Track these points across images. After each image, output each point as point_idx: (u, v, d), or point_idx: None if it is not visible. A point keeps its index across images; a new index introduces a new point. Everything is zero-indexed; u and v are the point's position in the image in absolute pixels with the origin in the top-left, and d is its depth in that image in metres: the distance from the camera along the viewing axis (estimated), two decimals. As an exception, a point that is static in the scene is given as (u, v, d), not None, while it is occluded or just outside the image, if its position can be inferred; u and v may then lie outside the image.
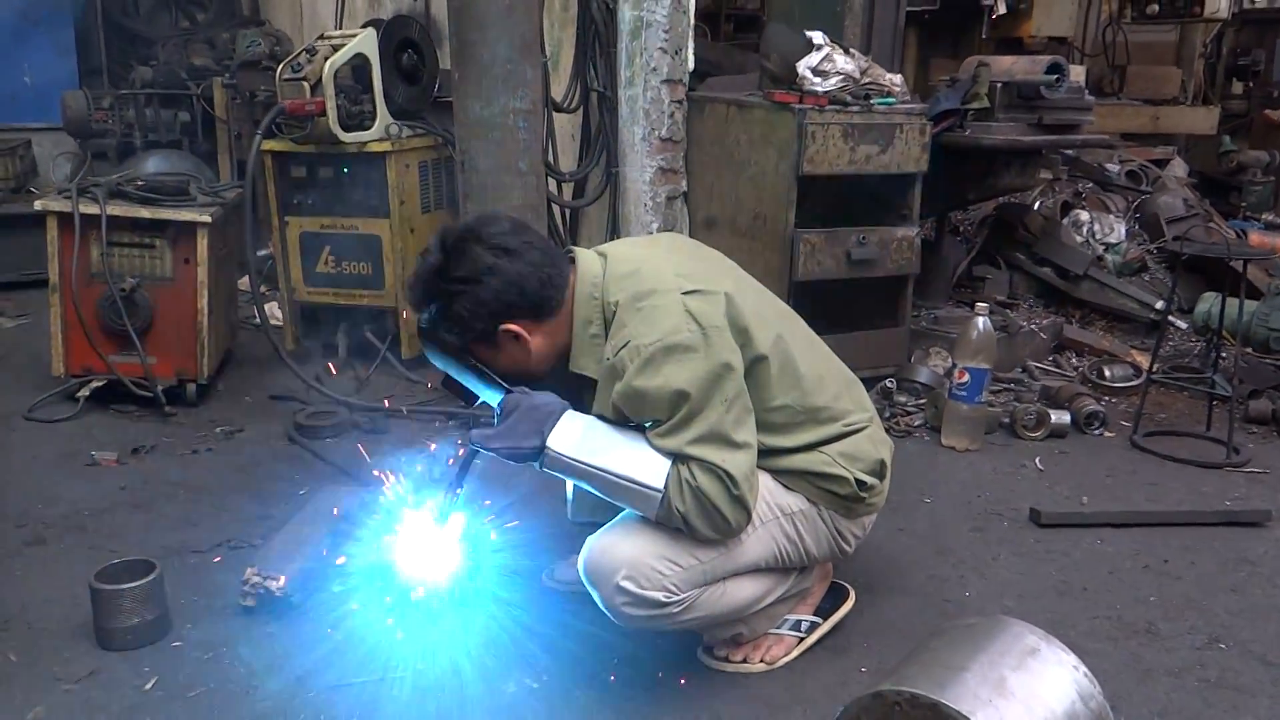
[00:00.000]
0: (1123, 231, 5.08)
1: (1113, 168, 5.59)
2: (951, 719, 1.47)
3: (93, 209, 3.57)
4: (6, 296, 5.23)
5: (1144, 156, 5.84)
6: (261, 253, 4.74)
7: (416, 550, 2.27)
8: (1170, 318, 4.44)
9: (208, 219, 3.63)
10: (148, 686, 2.11)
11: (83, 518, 2.87)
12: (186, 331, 3.70)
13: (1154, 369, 3.78)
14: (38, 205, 3.67)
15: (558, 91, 4.23)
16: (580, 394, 2.07)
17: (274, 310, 4.50)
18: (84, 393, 3.68)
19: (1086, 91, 4.29)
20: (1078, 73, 4.22)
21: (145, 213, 3.62)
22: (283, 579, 2.33)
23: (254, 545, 2.65)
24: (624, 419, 1.98)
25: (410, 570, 2.28)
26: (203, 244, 3.65)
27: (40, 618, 2.36)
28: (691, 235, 4.21)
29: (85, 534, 2.79)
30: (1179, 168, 5.96)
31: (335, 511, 2.60)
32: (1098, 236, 5.05)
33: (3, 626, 2.33)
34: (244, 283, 4.40)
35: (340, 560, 2.46)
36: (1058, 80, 4.00)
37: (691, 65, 4.18)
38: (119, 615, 2.22)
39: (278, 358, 3.81)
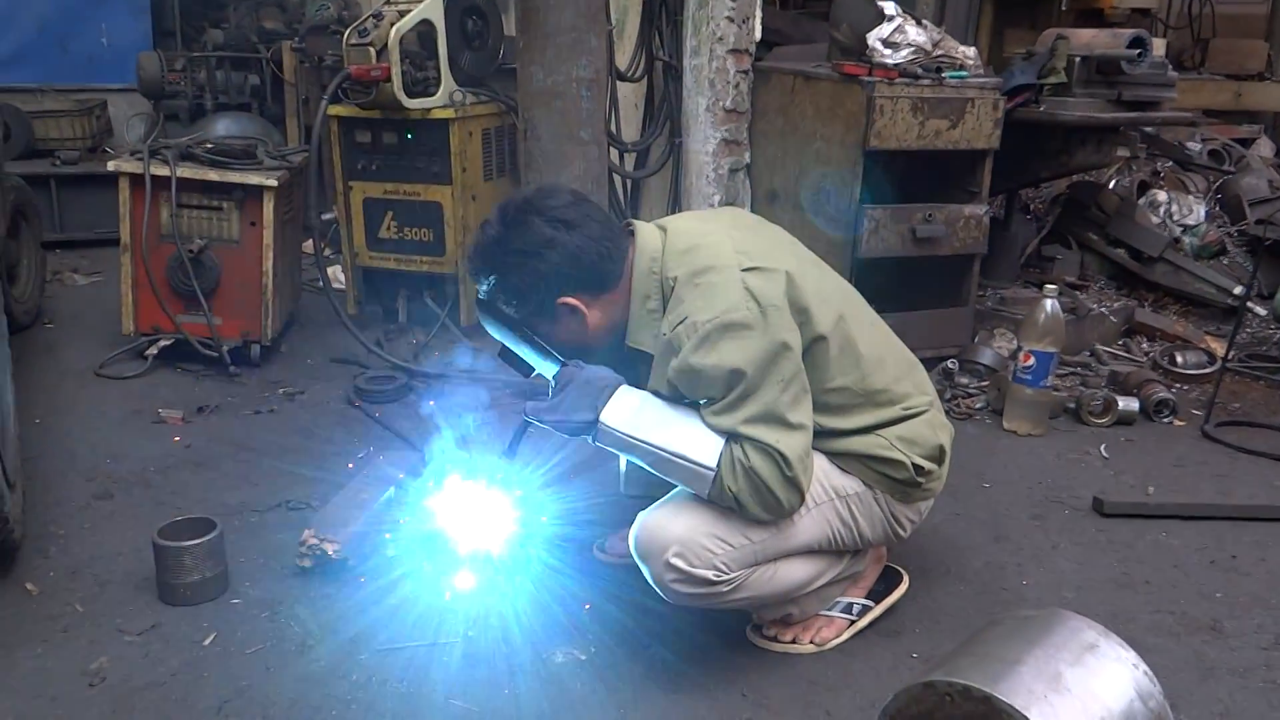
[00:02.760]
0: (1202, 213, 4.90)
1: (1194, 146, 5.40)
2: (1005, 713, 1.44)
3: (163, 171, 3.64)
4: (82, 254, 5.37)
5: (1228, 135, 5.62)
6: (326, 217, 4.80)
7: (469, 519, 2.29)
8: (1249, 304, 4.29)
9: (274, 183, 3.68)
10: (206, 642, 2.16)
11: (148, 474, 2.95)
12: (252, 293, 3.76)
13: (1229, 356, 3.66)
14: (110, 166, 3.76)
15: (622, 60, 4.19)
16: (635, 369, 2.06)
17: (337, 274, 4.56)
18: (152, 351, 3.76)
19: (1169, 66, 4.13)
20: (1159, 46, 4.05)
21: (213, 175, 3.68)
22: (339, 542, 2.37)
23: (312, 507, 2.70)
24: (679, 395, 1.96)
25: (463, 538, 2.31)
26: (268, 207, 3.70)
27: (106, 570, 2.43)
28: (753, 208, 4.16)
29: (150, 490, 2.86)
30: (1265, 147, 5.72)
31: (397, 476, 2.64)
32: (1175, 218, 4.88)
33: (70, 577, 2.40)
34: (308, 246, 4.45)
35: (396, 525, 2.50)
36: (1140, 55, 3.86)
37: (759, 35, 4.11)
38: (181, 571, 2.27)
39: (339, 321, 3.86)
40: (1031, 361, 3.35)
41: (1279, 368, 3.73)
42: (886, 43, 3.60)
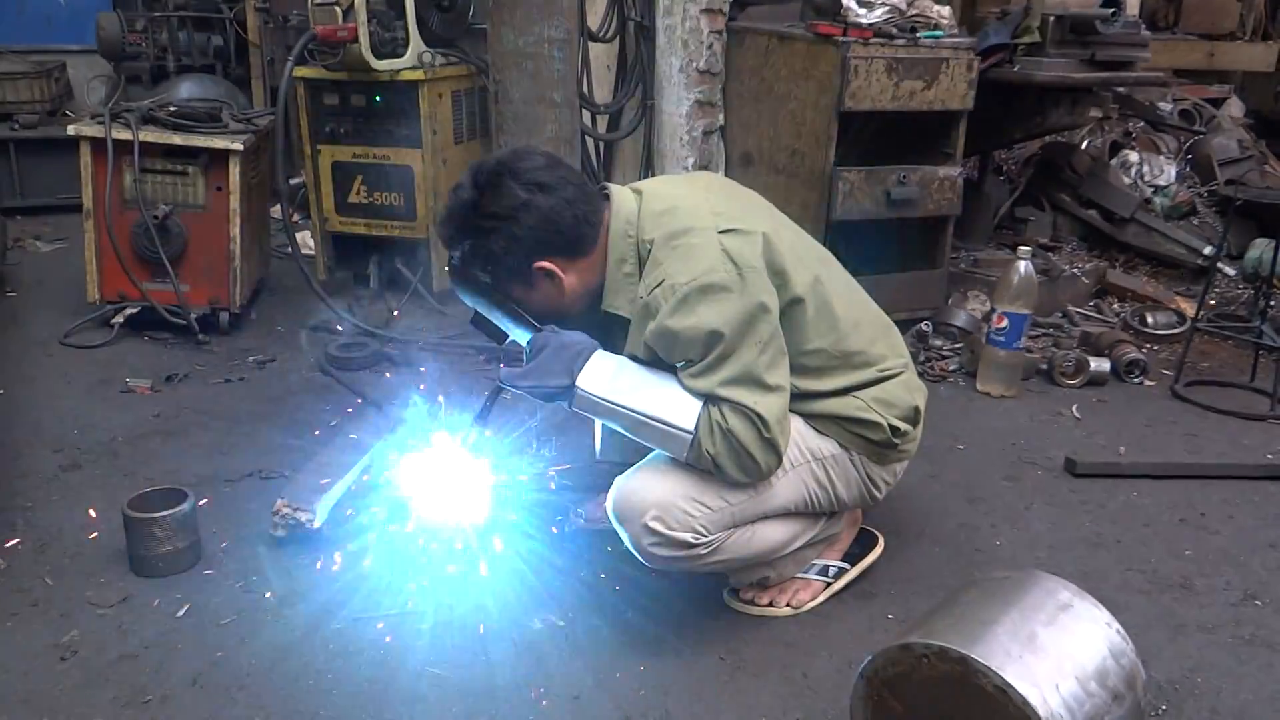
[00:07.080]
0: (1173, 173, 4.93)
1: (1165, 106, 5.41)
2: (981, 673, 1.45)
3: (125, 135, 3.56)
4: (44, 220, 5.27)
5: (1198, 95, 5.64)
6: (294, 181, 4.72)
7: (443, 486, 2.28)
8: (1219, 264, 4.32)
9: (239, 146, 3.61)
10: (179, 613, 2.14)
11: (117, 444, 2.91)
12: (219, 260, 3.70)
13: (1199, 316, 3.69)
14: (71, 130, 3.67)
15: (594, 20, 4.13)
16: (611, 333, 2.04)
17: (306, 240, 4.49)
18: (118, 319, 3.70)
19: (1143, 26, 4.13)
20: (1133, 5, 4.05)
21: (178, 139, 3.61)
22: (312, 511, 2.35)
23: (284, 476, 2.67)
24: (656, 359, 1.95)
25: (437, 505, 2.29)
26: (235, 171, 3.63)
27: (76, 542, 2.40)
28: (727, 171, 4.13)
29: (119, 460, 2.82)
30: (1235, 107, 5.75)
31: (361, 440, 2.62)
32: (1146, 178, 4.90)
33: (40, 550, 2.37)
34: (276, 211, 4.38)
35: (368, 494, 2.48)
36: (1114, 14, 3.85)
37: (732, -6, 4.07)
38: (152, 543, 2.24)
39: (309, 288, 3.81)
40: (1005, 323, 3.37)
41: (1248, 327, 3.76)
42: (861, 2, 3.57)
